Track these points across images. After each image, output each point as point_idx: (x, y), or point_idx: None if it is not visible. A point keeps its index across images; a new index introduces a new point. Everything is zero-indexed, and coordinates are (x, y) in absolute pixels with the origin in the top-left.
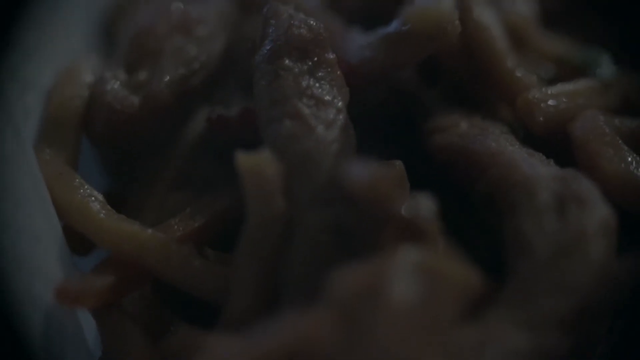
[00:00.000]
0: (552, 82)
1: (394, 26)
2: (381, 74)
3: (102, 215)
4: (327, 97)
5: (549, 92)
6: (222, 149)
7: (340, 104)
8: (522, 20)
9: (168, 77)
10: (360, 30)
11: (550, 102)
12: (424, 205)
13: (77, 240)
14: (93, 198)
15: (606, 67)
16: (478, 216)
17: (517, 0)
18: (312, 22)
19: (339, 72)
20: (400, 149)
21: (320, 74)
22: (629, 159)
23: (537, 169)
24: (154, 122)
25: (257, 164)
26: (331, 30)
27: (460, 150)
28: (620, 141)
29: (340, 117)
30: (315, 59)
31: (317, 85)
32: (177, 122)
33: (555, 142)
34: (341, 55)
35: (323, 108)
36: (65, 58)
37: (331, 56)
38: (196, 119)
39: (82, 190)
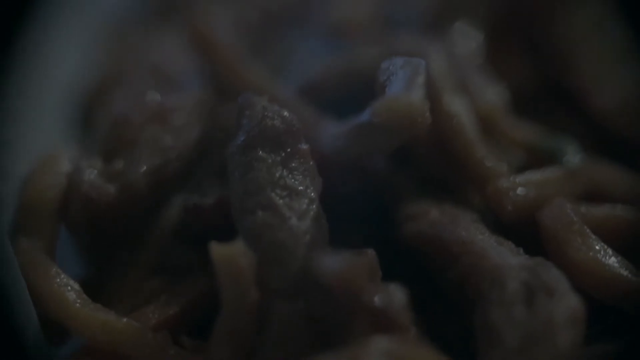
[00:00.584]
0: (521, 169)
1: (365, 117)
2: (353, 163)
3: (77, 304)
4: (300, 188)
5: (518, 180)
6: (197, 237)
7: (313, 194)
8: (491, 108)
9: (144, 167)
10: (333, 119)
11: (519, 191)
12: (396, 296)
13: (53, 329)
14: (69, 287)
15: (573, 155)
16: (449, 304)
17: (486, 89)
18: (285, 113)
19: (311, 162)
20: (373, 236)
21: (293, 164)
22: (597, 247)
23: (507, 258)
24: (130, 210)
25: (231, 255)
26: (304, 120)
27: (432, 239)
28: (587, 229)
29: (313, 206)
30: (289, 149)
31: (290, 175)
32: (153, 210)
33: (525, 229)
34: (314, 145)
35: (296, 198)
36: (42, 147)
37: (304, 147)
38: (172, 207)
39: (58, 280)
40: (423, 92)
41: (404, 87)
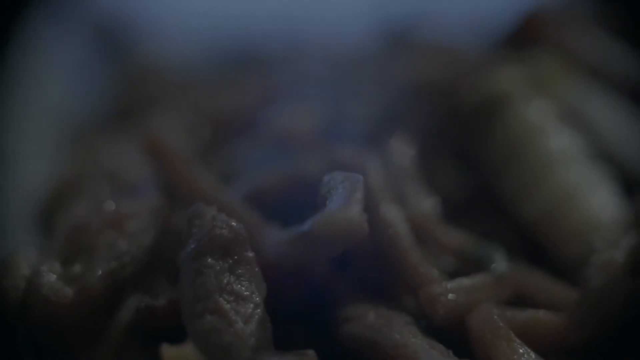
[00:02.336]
0: (452, 275)
1: (306, 227)
2: (296, 268)
3: None
4: (246, 293)
5: (449, 286)
6: (151, 338)
7: (258, 298)
8: (424, 217)
9: (100, 271)
10: (277, 225)
11: (449, 296)
12: None
13: None
14: None
15: (500, 262)
16: None
17: (420, 198)
18: (233, 223)
19: (257, 269)
20: (316, 337)
21: (239, 271)
22: (521, 351)
23: None
24: (87, 311)
25: (180, 356)
26: (251, 228)
27: (368, 341)
28: (512, 334)
29: (258, 311)
30: (236, 257)
31: (237, 281)
32: (109, 311)
33: (457, 333)
34: (259, 251)
35: (242, 303)
36: (3, 250)
37: (250, 254)
38: (126, 308)
39: None
40: (360, 207)
41: (343, 202)
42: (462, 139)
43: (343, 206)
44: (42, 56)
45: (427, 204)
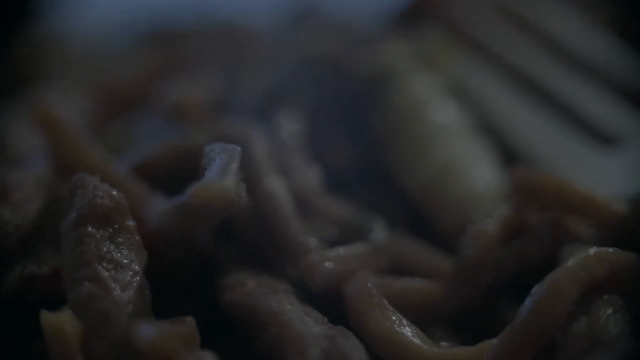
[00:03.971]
0: (334, 244)
1: (184, 197)
2: (178, 237)
3: None
4: (125, 261)
5: (326, 255)
6: (36, 305)
7: (137, 266)
8: (307, 187)
9: None
10: (163, 196)
11: (327, 265)
12: None
13: None
14: None
15: (379, 232)
16: None
17: (304, 170)
18: (114, 192)
19: (137, 237)
20: (198, 305)
21: (120, 239)
22: (393, 318)
23: (311, 327)
24: None
25: (58, 322)
26: (135, 198)
27: (246, 308)
28: (385, 301)
29: (137, 278)
30: (116, 226)
31: (116, 250)
32: None
33: (334, 300)
34: (141, 221)
35: (121, 271)
36: None
37: (130, 223)
38: (10, 276)
39: None
40: (235, 176)
41: (218, 172)
42: (351, 113)
43: (218, 176)
44: None
45: (310, 176)
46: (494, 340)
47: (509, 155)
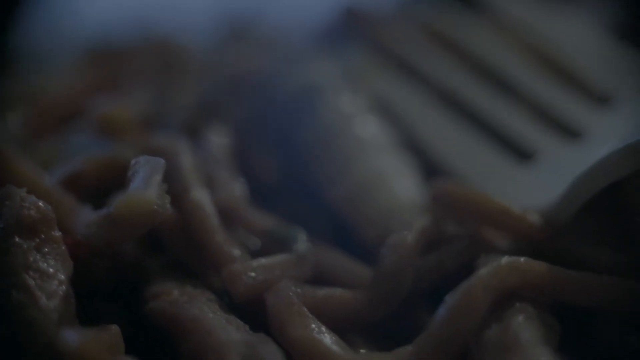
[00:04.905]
0: (257, 254)
1: (109, 208)
2: (104, 248)
3: None
4: (51, 270)
5: (249, 265)
6: None
7: (62, 276)
8: (233, 199)
9: None
10: (91, 208)
11: (250, 274)
12: None
13: None
14: None
15: (302, 242)
16: None
17: (230, 182)
18: (41, 204)
19: (63, 248)
20: (123, 313)
21: (46, 249)
22: (313, 326)
23: (231, 334)
24: None
25: None
26: (62, 210)
27: (170, 316)
28: (305, 309)
29: (63, 287)
30: (43, 236)
31: (42, 259)
32: None
33: (257, 309)
34: (68, 232)
35: (47, 280)
36: None
37: (57, 234)
38: None
39: None
40: (157, 188)
41: (141, 183)
42: (279, 128)
43: (140, 187)
44: None
45: (236, 188)
46: (409, 347)
47: (431, 169)
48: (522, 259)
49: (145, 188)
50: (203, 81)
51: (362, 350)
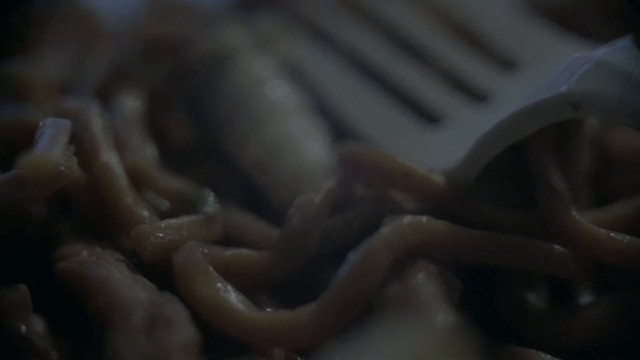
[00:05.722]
0: (167, 216)
1: (16, 170)
2: (12, 209)
3: None
4: None
5: (157, 226)
6: None
7: None
8: (142, 162)
9: None
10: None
11: (158, 234)
12: (38, 325)
13: None
14: None
15: (210, 204)
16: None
17: (140, 146)
18: None
19: None
20: (32, 274)
21: None
22: (219, 285)
23: (137, 293)
24: None
25: None
26: None
27: (77, 276)
28: (211, 269)
29: None
30: None
31: None
32: None
33: (166, 269)
34: None
35: None
36: None
37: None
38: None
39: None
40: (63, 148)
41: (47, 144)
42: (191, 92)
43: (46, 148)
44: None
45: (146, 152)
46: (313, 304)
47: (340, 133)
48: (424, 218)
49: (50, 148)
50: (117, 46)
51: (268, 310)
